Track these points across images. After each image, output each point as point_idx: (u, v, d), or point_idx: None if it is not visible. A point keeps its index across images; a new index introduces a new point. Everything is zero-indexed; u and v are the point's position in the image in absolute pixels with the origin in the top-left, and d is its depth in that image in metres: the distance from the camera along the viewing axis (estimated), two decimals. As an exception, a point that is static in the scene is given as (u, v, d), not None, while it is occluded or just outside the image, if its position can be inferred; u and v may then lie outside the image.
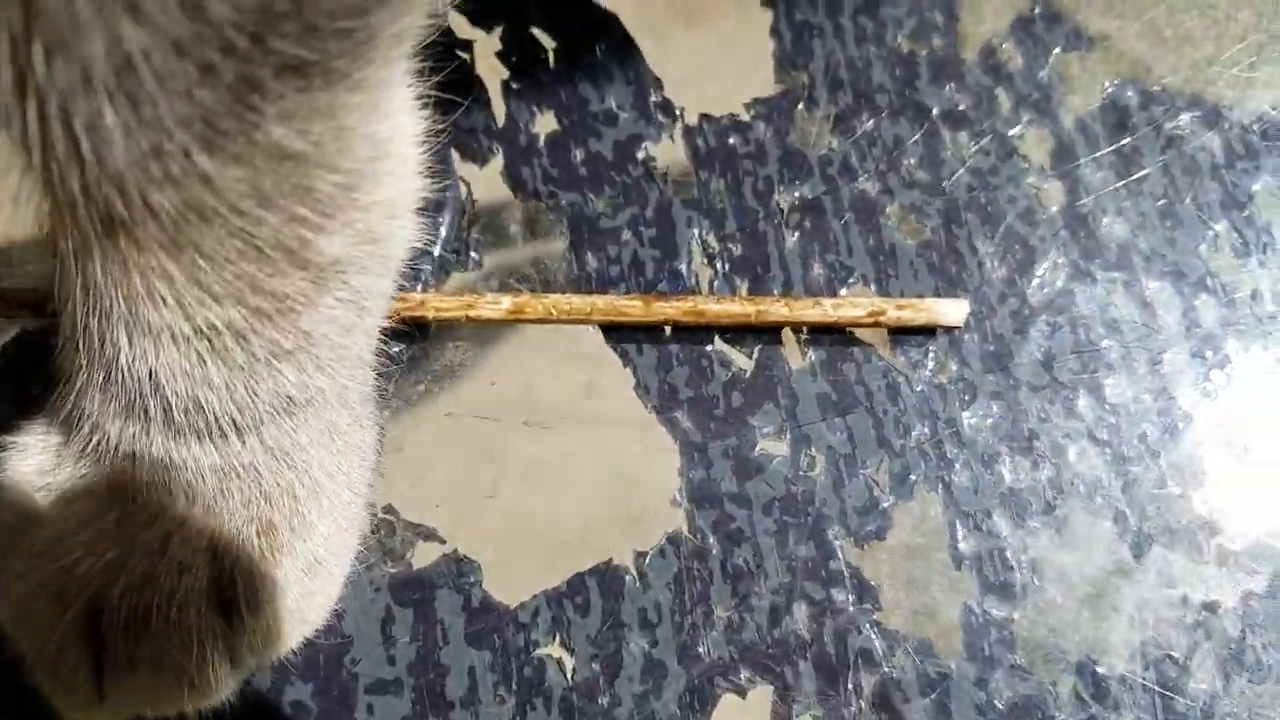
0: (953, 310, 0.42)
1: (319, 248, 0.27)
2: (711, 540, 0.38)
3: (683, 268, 0.42)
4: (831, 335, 0.42)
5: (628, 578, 0.38)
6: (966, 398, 0.41)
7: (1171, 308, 0.43)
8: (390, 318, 0.38)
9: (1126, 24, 0.48)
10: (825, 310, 0.41)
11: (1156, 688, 0.38)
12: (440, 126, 0.32)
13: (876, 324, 0.42)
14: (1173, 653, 0.38)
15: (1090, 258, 0.44)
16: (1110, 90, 0.47)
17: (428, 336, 0.41)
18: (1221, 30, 0.48)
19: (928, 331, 0.42)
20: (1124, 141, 0.46)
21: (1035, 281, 0.43)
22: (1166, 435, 0.41)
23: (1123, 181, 0.45)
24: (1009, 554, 0.39)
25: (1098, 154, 0.45)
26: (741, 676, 0.37)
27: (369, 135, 0.27)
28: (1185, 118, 0.46)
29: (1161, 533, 0.40)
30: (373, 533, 0.37)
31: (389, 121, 0.28)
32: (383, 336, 0.34)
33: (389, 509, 0.38)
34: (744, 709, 0.37)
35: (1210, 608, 0.39)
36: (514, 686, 0.36)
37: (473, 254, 0.42)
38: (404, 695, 0.36)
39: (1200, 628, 0.39)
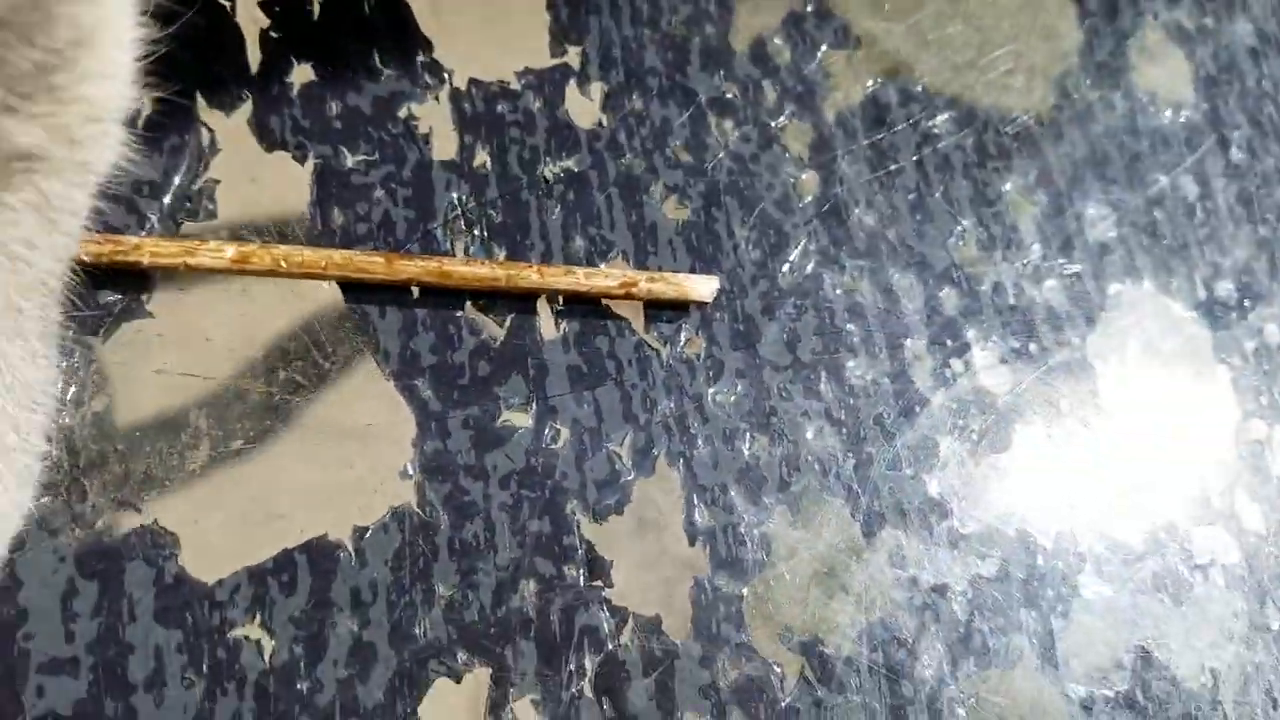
0: (703, 285, 0.35)
1: (8, 131, 0.21)
2: (441, 514, 0.31)
3: (438, 231, 0.35)
4: (586, 307, 0.35)
5: (342, 554, 0.30)
6: (713, 374, 0.35)
7: (914, 296, 0.38)
8: (100, 261, 0.29)
9: (893, 25, 0.43)
10: (578, 279, 0.35)
11: (883, 670, 0.33)
12: (183, 64, 0.24)
13: (629, 295, 0.35)
14: (900, 634, 0.33)
15: (839, 245, 0.38)
16: (872, 87, 0.41)
17: (146, 288, 0.32)
18: (983, 38, 0.43)
19: (680, 307, 0.36)
20: (881, 136, 0.40)
21: (786, 266, 0.37)
22: (902, 418, 0.36)
23: (876, 174, 0.39)
24: (742, 529, 0.33)
25: (854, 147, 0.40)
26: (458, 659, 0.30)
27: (70, 15, 0.21)
28: (942, 117, 0.41)
29: (894, 513, 0.34)
30: (61, 496, 0.29)
31: (95, 9, 0.22)
32: (90, 279, 0.26)
33: (80, 470, 0.29)
34: (458, 694, 0.29)
35: (939, 590, 0.34)
36: (204, 669, 0.28)
37: (206, 203, 0.33)
38: (80, 676, 0.28)
39: (929, 610, 0.34)
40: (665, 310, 0.36)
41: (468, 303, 0.35)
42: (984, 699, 0.33)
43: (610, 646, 0.31)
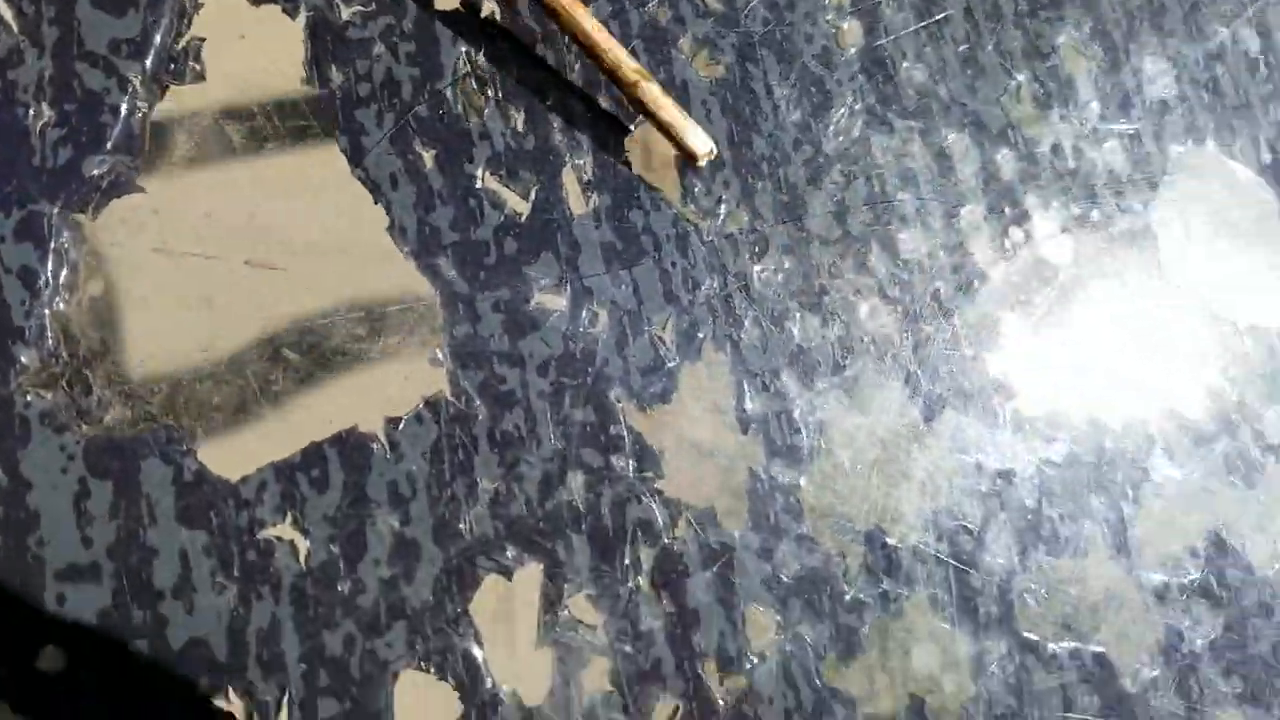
0: (700, 141, 0.37)
1: None
2: (477, 404, 0.33)
3: (447, 91, 0.36)
4: (617, 180, 0.36)
5: (375, 447, 0.32)
6: (758, 250, 0.37)
7: (970, 160, 0.40)
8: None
9: None
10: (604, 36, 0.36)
11: (951, 560, 0.36)
12: None
13: (635, 86, 0.36)
14: (967, 523, 0.36)
15: (887, 104, 0.40)
16: (916, -74, 0.43)
17: (135, 152, 0.33)
18: None
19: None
20: (928, -19, 0.42)
21: (830, 129, 0.39)
22: (960, 293, 0.39)
23: (924, 23, 0.41)
24: (797, 416, 0.36)
25: (902, -8, 0.42)
26: (507, 555, 0.32)
27: None
28: (990, -40, 0.43)
29: (955, 395, 0.37)
30: (63, 390, 0.30)
31: None
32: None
33: (81, 360, 0.31)
34: (510, 591, 0.32)
35: (1005, 476, 0.37)
36: (235, 573, 0.30)
37: (193, 64, 0.34)
38: (103, 583, 0.30)
39: (995, 497, 0.37)
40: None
41: (485, 173, 0.36)
42: (1056, 588, 0.37)
43: (666, 540, 0.34)
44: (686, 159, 0.37)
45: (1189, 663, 0.36)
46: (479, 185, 0.36)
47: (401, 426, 0.33)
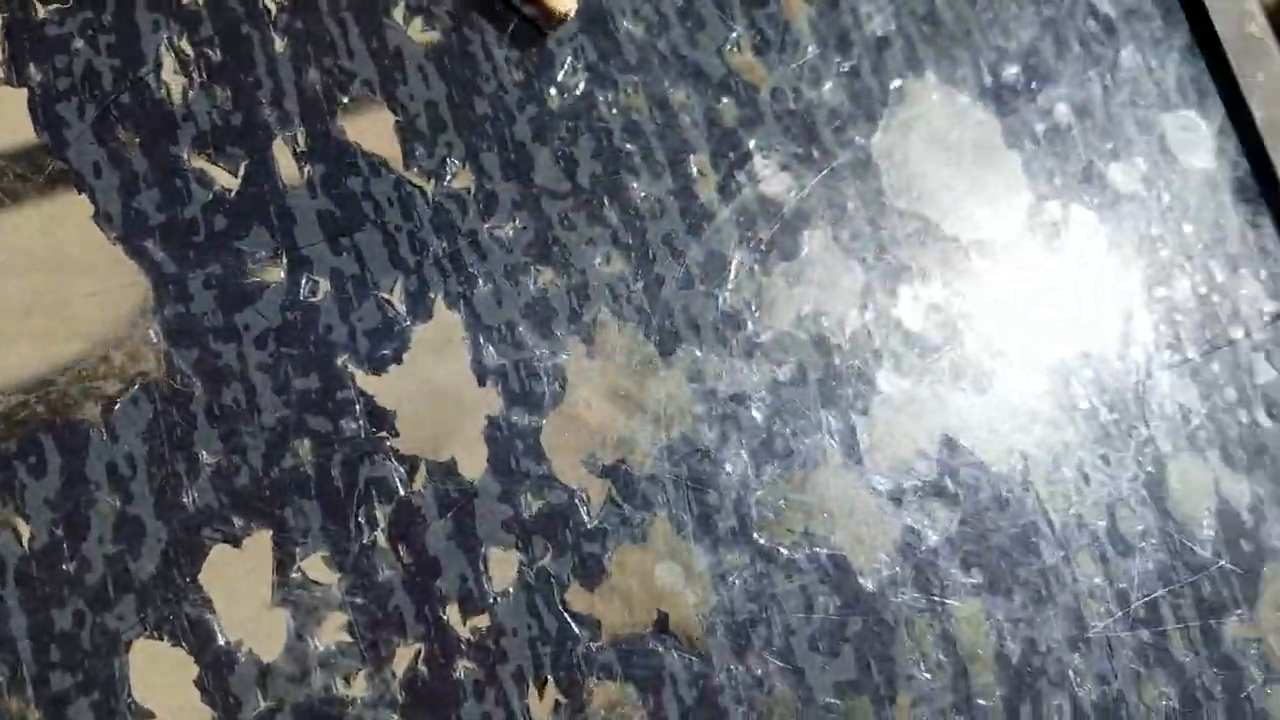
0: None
1: None
2: (194, 380, 0.33)
3: (150, 78, 0.36)
4: (333, 147, 0.37)
5: (92, 431, 0.32)
6: (486, 208, 0.38)
7: (692, 109, 0.42)
8: None
9: None
10: None
11: (689, 483, 0.37)
12: None
13: None
14: (703, 446, 0.37)
15: (609, 60, 0.41)
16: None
17: None
18: None
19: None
20: (640, -61, 0.44)
21: (553, 88, 0.40)
22: (690, 235, 0.40)
23: (640, -20, 0.43)
24: (535, 364, 0.37)
25: (612, -49, 0.43)
26: (234, 524, 0.32)
27: None
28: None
29: (688, 329, 0.39)
30: None
31: None
32: None
33: None
34: (240, 558, 0.32)
35: (738, 399, 0.38)
36: (-54, 567, 0.30)
37: None
38: None
39: (730, 419, 0.38)
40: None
41: (190, 152, 0.36)
42: (790, 499, 0.38)
43: (402, 494, 0.35)
44: (544, 16, 0.38)
45: (927, 559, 0.38)
46: (185, 165, 0.36)
47: (117, 409, 0.33)
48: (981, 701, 0.37)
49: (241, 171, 0.36)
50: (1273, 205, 0.47)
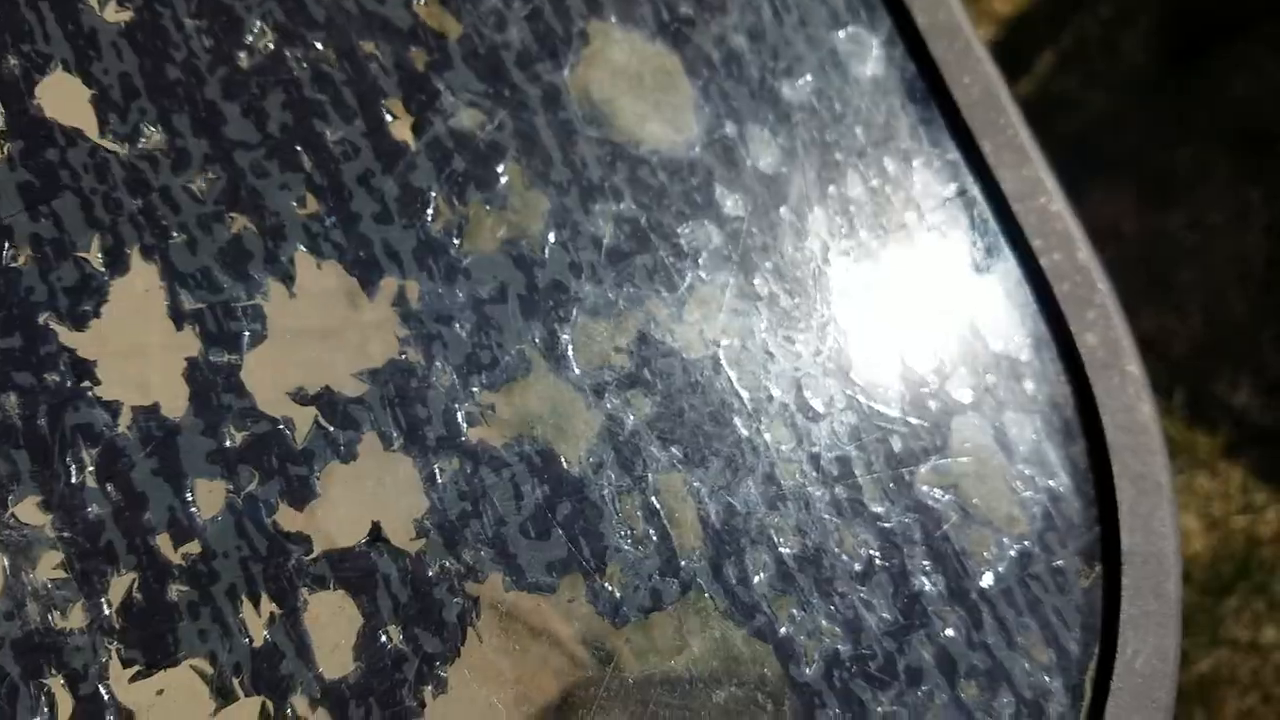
0: None
1: None
2: (-114, 349, 0.34)
3: None
4: (31, 125, 0.38)
5: None
6: (178, 164, 0.39)
7: (382, 57, 0.44)
8: None
9: None
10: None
11: (395, 400, 0.39)
12: None
13: None
14: (408, 365, 0.40)
15: (295, 19, 0.43)
16: None
17: None
18: None
19: None
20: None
21: (242, 51, 0.42)
22: (386, 173, 0.42)
23: (319, -58, 0.45)
24: (233, 305, 0.38)
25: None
26: (-65, 478, 0.33)
27: None
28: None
29: (389, 260, 0.41)
30: None
31: None
32: None
33: None
34: (-57, 510, 0.33)
35: (444, 320, 0.41)
36: None
37: None
38: None
39: (436, 339, 0.40)
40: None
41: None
42: (496, 406, 0.41)
43: (108, 436, 0.36)
44: None
45: (629, 441, 0.41)
46: None
47: None
48: (685, 563, 0.40)
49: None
50: (940, 101, 0.52)
